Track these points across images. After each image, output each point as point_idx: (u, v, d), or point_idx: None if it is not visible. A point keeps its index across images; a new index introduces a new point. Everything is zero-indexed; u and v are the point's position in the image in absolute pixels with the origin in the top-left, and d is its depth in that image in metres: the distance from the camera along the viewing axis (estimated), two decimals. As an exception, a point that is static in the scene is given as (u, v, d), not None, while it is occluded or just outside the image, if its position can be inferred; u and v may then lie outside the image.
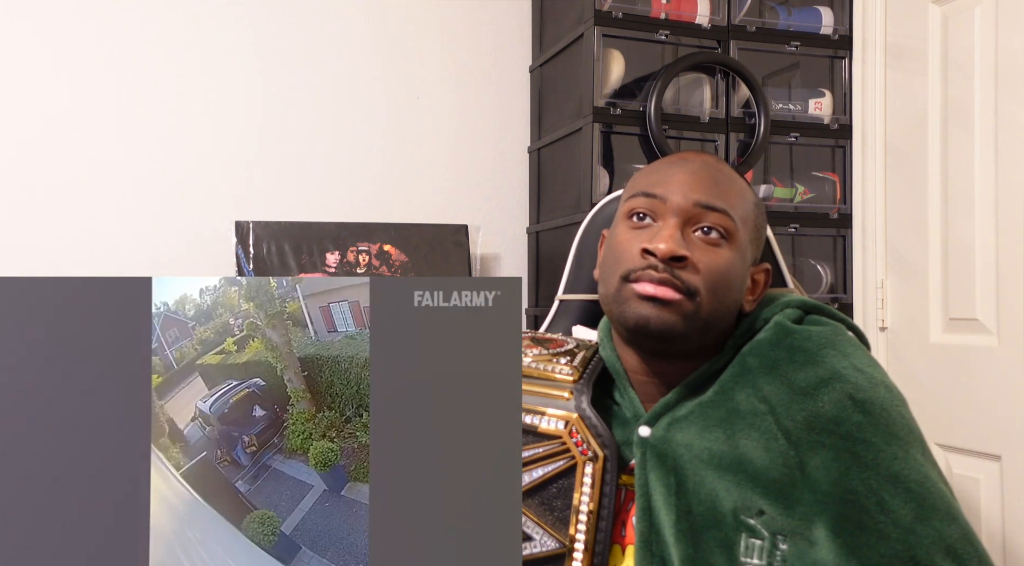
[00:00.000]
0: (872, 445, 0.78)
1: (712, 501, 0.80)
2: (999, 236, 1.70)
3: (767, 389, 0.83)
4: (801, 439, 0.80)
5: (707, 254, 0.85)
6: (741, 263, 0.87)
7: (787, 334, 0.87)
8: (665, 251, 0.83)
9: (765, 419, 0.82)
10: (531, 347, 0.97)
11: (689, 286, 0.83)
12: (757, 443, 0.81)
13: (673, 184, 0.88)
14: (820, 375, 0.83)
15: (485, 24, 2.30)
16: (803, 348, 0.85)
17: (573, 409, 0.88)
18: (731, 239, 0.86)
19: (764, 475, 0.79)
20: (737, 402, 0.84)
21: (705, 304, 0.84)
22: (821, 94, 2.14)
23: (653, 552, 0.82)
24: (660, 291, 0.83)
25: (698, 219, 0.86)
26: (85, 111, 2.04)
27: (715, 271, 0.84)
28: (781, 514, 0.78)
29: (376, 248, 2.07)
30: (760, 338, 0.88)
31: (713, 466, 0.82)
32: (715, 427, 0.84)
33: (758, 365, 0.86)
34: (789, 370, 0.84)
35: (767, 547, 0.78)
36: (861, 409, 0.80)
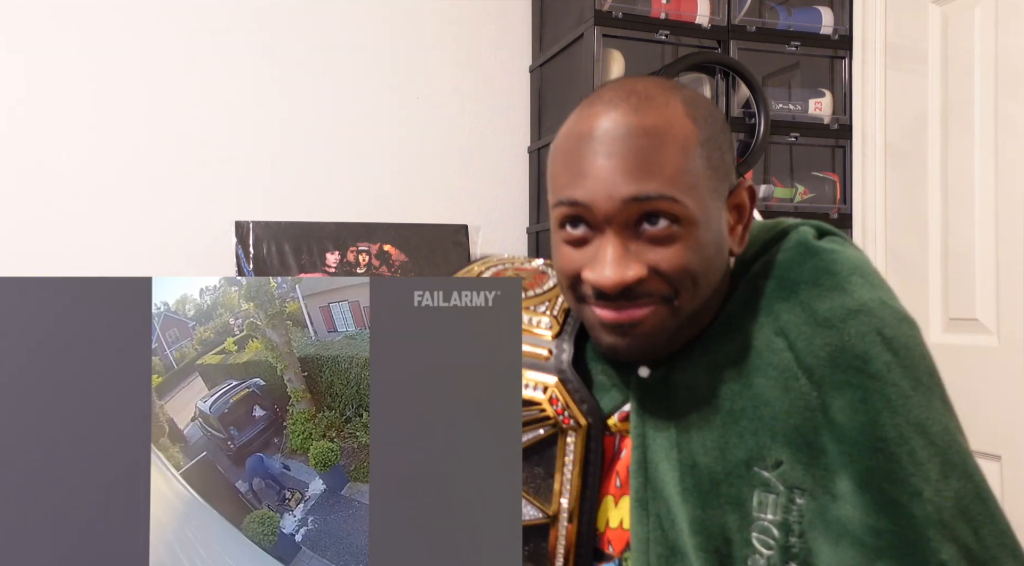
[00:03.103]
0: (900, 388, 0.68)
1: (721, 451, 0.71)
2: (999, 236, 1.70)
3: (785, 318, 0.72)
4: (824, 378, 0.69)
5: (666, 254, 0.70)
6: (710, 229, 0.72)
7: (811, 254, 0.75)
8: (610, 284, 0.69)
9: (783, 354, 0.71)
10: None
11: (657, 290, 0.71)
12: (774, 382, 0.71)
13: (593, 181, 0.70)
14: (848, 305, 0.72)
15: (485, 24, 2.31)
16: (830, 270, 0.74)
17: (553, 371, 0.79)
18: (687, 219, 0.70)
19: (783, 420, 0.69)
20: (749, 333, 0.73)
21: (689, 300, 0.72)
22: (821, 94, 2.14)
23: (648, 510, 0.74)
24: (624, 315, 0.71)
25: (637, 213, 0.70)
26: (85, 111, 2.04)
27: (682, 268, 0.70)
28: (802, 465, 0.68)
29: (376, 248, 2.07)
30: (779, 258, 0.76)
31: (723, 411, 0.72)
32: (725, 365, 0.73)
33: (775, 288, 0.74)
34: (811, 296, 0.73)
35: (782, 502, 0.68)
36: (889, 347, 0.70)
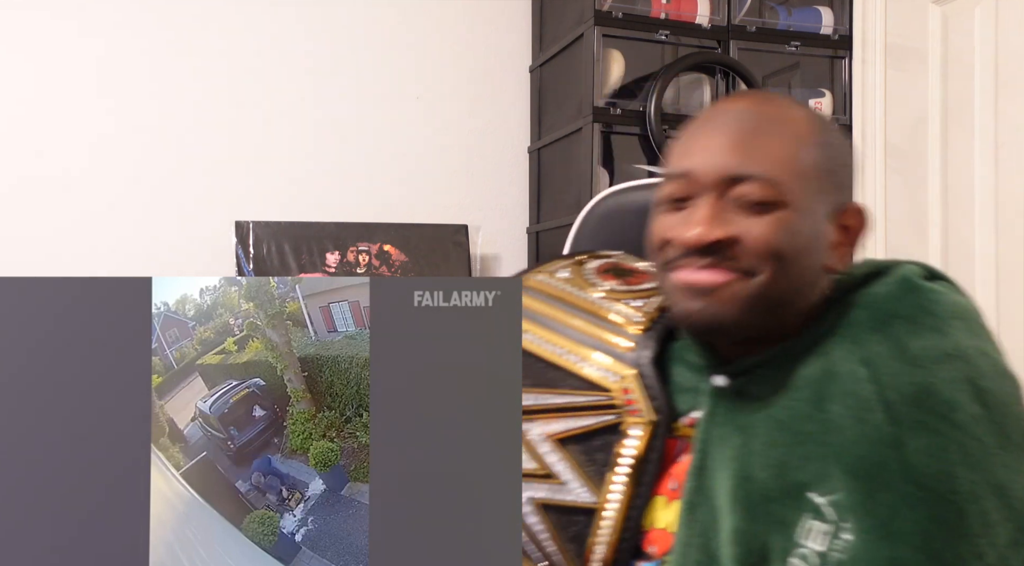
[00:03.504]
0: (984, 445, 0.66)
1: (780, 469, 0.69)
2: (999, 236, 1.70)
3: (873, 349, 0.70)
4: (904, 416, 0.67)
5: (757, 226, 0.71)
6: (806, 222, 0.72)
7: (913, 290, 0.73)
8: (697, 239, 0.70)
9: (864, 385, 0.69)
10: (609, 278, 0.87)
11: (740, 261, 0.71)
12: (849, 411, 0.68)
13: (699, 153, 0.74)
14: (943, 347, 0.69)
15: (485, 24, 2.31)
16: (930, 311, 0.71)
17: (632, 363, 0.79)
18: (780, 203, 0.71)
19: (851, 450, 0.67)
20: (833, 359, 0.71)
21: (767, 282, 0.71)
22: (821, 94, 2.14)
23: (695, 516, 0.72)
24: (702, 276, 0.71)
25: (732, 189, 0.72)
26: (85, 112, 2.04)
27: (769, 242, 0.70)
28: (860, 496, 0.66)
29: (376, 248, 2.07)
30: (877, 290, 0.74)
31: (792, 430, 0.70)
32: (802, 386, 0.71)
33: (867, 318, 0.72)
34: (905, 332, 0.70)
35: (830, 533, 0.66)
36: (980, 399, 0.67)
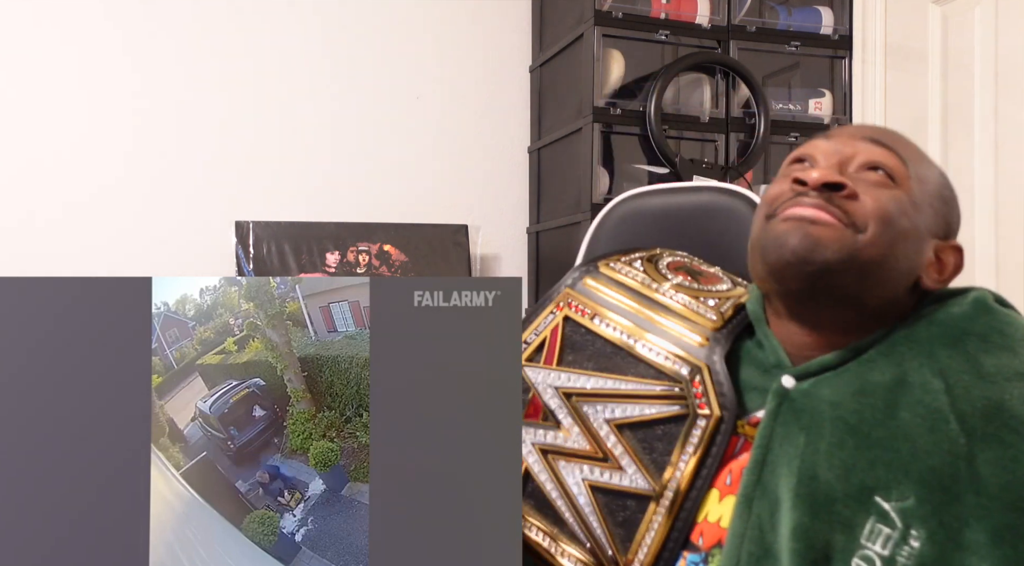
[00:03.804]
0: None
1: (846, 471, 0.70)
2: (999, 236, 1.70)
3: (947, 362, 0.72)
4: (976, 428, 0.68)
5: (874, 189, 0.74)
6: (916, 215, 0.75)
7: (987, 311, 0.75)
8: (818, 177, 0.73)
9: (938, 396, 0.70)
10: (679, 274, 0.90)
11: (852, 216, 0.72)
12: (922, 420, 0.69)
13: (842, 129, 0.82)
14: (1016, 367, 0.71)
15: (485, 24, 2.31)
16: (1002, 331, 0.74)
17: (704, 358, 0.81)
18: (902, 184, 0.75)
19: (922, 458, 0.68)
20: (906, 369, 0.72)
21: (871, 241, 0.72)
22: (821, 94, 2.14)
23: (752, 509, 0.73)
24: (811, 212, 0.72)
25: (865, 155, 0.76)
26: (85, 112, 2.04)
27: (883, 206, 0.73)
28: (931, 506, 0.67)
29: (376, 248, 2.07)
30: (952, 309, 0.76)
31: (861, 434, 0.71)
32: (874, 391, 0.72)
33: (941, 334, 0.74)
34: (978, 349, 0.72)
35: (896, 538, 0.67)
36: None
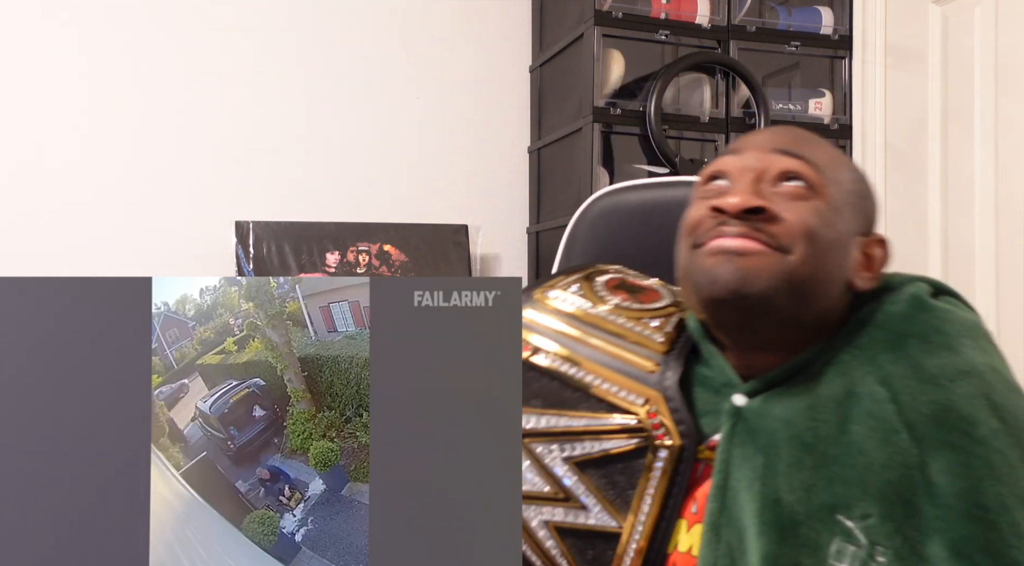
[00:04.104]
0: (1006, 457, 0.66)
1: (807, 491, 0.68)
2: (999, 236, 1.70)
3: (890, 369, 0.71)
4: (926, 435, 0.67)
5: (793, 206, 0.72)
6: (839, 222, 0.74)
7: (924, 309, 0.74)
8: (736, 204, 0.71)
9: (885, 406, 0.69)
10: (617, 293, 0.86)
11: (777, 238, 0.71)
12: (873, 433, 0.68)
13: (749, 140, 0.78)
14: (957, 365, 0.70)
15: (485, 24, 2.31)
16: (941, 330, 0.73)
17: (657, 386, 0.78)
18: (819, 193, 0.73)
19: (878, 473, 0.67)
20: (854, 380, 0.72)
21: (801, 261, 0.71)
22: (821, 94, 2.14)
23: (720, 537, 0.71)
24: (736, 243, 0.71)
25: (777, 168, 0.74)
26: (86, 111, 2.04)
27: (806, 223, 0.71)
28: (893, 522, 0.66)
29: (376, 248, 2.07)
30: (890, 309, 0.75)
31: (816, 452, 0.69)
32: (824, 406, 0.71)
33: (882, 338, 0.73)
34: (919, 351, 0.71)
35: (862, 556, 0.66)
36: (998, 414, 0.68)
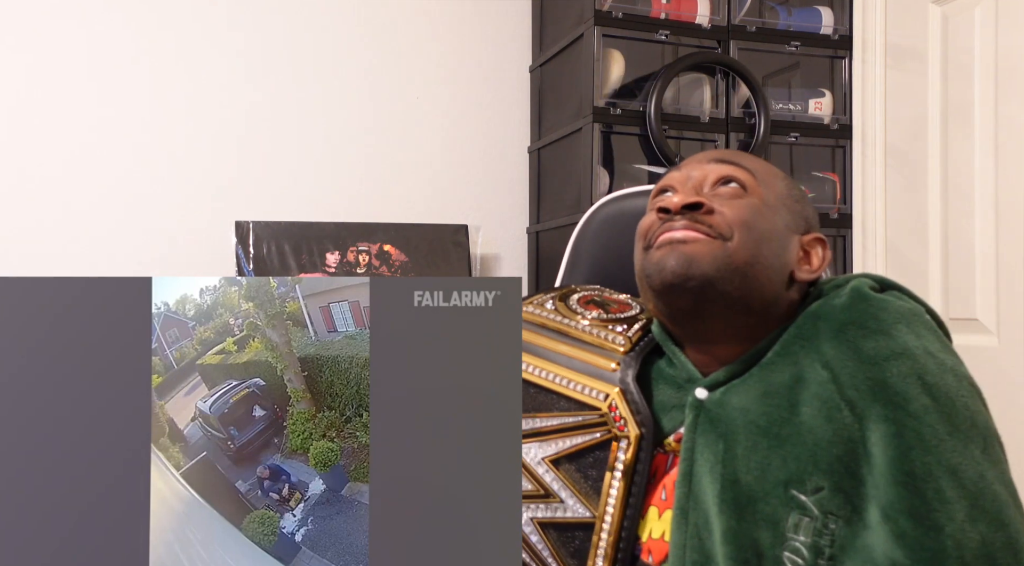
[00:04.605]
0: (935, 430, 0.73)
1: (763, 471, 0.76)
2: (999, 236, 1.70)
3: (830, 353, 0.78)
4: (864, 411, 0.74)
5: (729, 201, 0.83)
6: (774, 217, 0.84)
7: (862, 300, 0.81)
8: (679, 201, 0.82)
9: (827, 386, 0.76)
10: (592, 309, 0.95)
11: (717, 227, 0.81)
12: (819, 412, 0.76)
13: (691, 157, 0.89)
14: (891, 347, 0.77)
15: (485, 24, 2.31)
16: (877, 317, 0.80)
17: (617, 382, 0.86)
18: (753, 193, 0.84)
19: (825, 449, 0.74)
20: (803, 367, 0.79)
21: (739, 246, 0.80)
22: (821, 94, 2.14)
23: (688, 519, 0.78)
24: (681, 233, 0.81)
25: (715, 174, 0.85)
26: (85, 111, 2.04)
27: (741, 213, 0.82)
28: (842, 493, 0.73)
29: (376, 248, 2.07)
30: (834, 302, 0.82)
31: (771, 435, 0.77)
32: (776, 393, 0.79)
33: (825, 328, 0.80)
34: (857, 336, 0.78)
35: (816, 526, 0.73)
36: (929, 392, 0.74)
